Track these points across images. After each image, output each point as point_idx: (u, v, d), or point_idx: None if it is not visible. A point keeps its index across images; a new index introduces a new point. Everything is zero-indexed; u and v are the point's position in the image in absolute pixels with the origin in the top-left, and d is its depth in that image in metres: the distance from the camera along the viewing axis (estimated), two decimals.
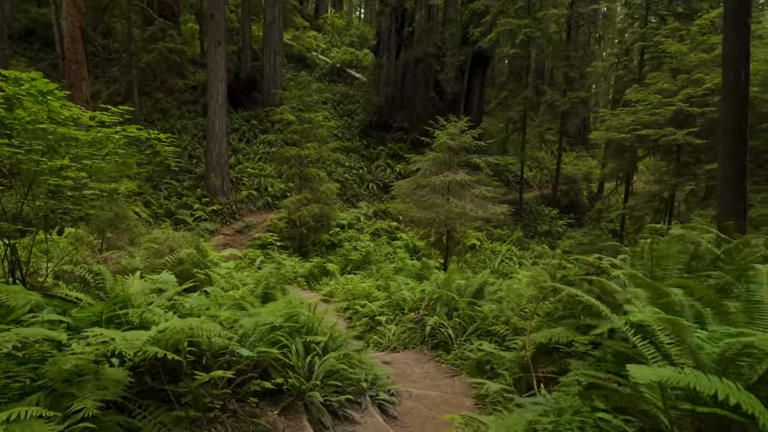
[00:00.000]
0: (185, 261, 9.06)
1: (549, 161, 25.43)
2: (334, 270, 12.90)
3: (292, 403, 3.57)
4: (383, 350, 7.36)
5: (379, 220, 18.49)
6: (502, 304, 6.83)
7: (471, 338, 6.53)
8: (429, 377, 5.89)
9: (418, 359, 6.58)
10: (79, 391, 2.30)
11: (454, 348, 6.48)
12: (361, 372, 4.32)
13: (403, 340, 7.30)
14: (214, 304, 4.13)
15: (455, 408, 4.58)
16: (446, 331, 6.69)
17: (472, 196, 12.65)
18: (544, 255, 18.66)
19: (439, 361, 6.39)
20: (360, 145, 22.65)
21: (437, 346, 6.83)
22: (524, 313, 5.81)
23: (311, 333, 4.70)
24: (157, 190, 16.90)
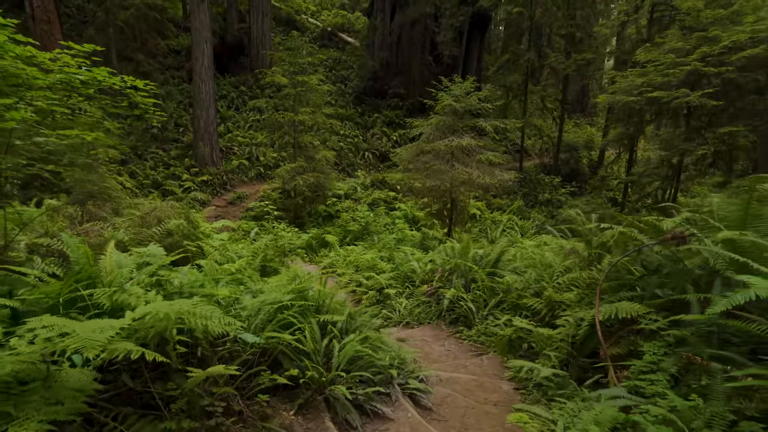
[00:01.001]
0: (174, 233, 8.26)
1: (549, 129, 24.61)
2: (333, 241, 12.17)
3: (310, 399, 2.89)
4: (395, 326, 6.72)
5: (377, 190, 17.69)
6: (526, 274, 6.18)
7: (494, 312, 5.90)
8: (452, 356, 5.26)
9: (436, 336, 5.95)
10: (18, 408, 1.56)
11: (476, 323, 5.85)
12: (385, 355, 3.64)
13: (417, 314, 6.66)
14: (209, 280, 3.38)
15: (492, 393, 3.94)
16: (466, 304, 6.04)
17: (479, 162, 11.89)
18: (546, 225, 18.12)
19: (460, 338, 5.76)
20: (354, 113, 21.58)
21: (456, 321, 6.19)
22: (558, 284, 5.16)
23: (324, 311, 4.00)
24: (142, 160, 15.86)
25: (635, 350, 3.26)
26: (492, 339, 5.32)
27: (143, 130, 17.21)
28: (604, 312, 3.44)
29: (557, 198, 19.30)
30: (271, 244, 9.32)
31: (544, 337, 4.35)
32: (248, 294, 3.75)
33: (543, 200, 19.37)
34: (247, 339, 2.85)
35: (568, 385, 3.50)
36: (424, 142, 12.00)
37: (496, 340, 5.20)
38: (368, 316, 4.18)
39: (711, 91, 13.20)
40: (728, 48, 12.95)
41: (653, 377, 2.82)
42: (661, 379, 2.76)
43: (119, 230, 7.78)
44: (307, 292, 4.00)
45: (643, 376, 2.88)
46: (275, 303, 3.28)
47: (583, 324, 3.65)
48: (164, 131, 17.41)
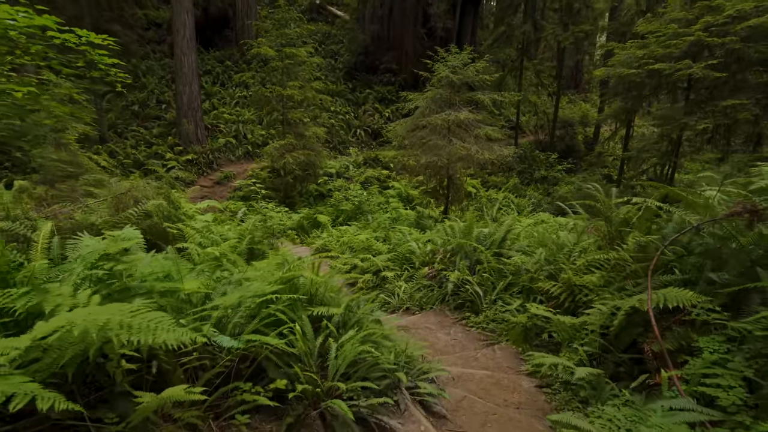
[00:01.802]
0: (154, 214, 7.58)
1: (544, 105, 23.93)
2: (325, 221, 11.54)
3: (302, 416, 2.31)
4: (394, 311, 6.18)
5: (370, 168, 17.01)
6: (536, 254, 5.63)
7: (503, 297, 5.36)
8: (459, 346, 4.73)
9: (440, 323, 5.41)
10: None
11: (484, 309, 5.31)
12: (390, 354, 3.08)
13: (418, 299, 6.11)
14: (177, 270, 2.75)
15: (512, 393, 3.41)
16: (472, 288, 5.49)
17: (477, 137, 11.25)
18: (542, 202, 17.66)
19: (467, 325, 5.23)
20: (345, 89, 20.67)
21: (461, 307, 5.65)
22: (574, 265, 4.61)
23: (317, 302, 3.40)
24: (123, 139, 14.96)
25: (687, 345, 2.72)
26: (503, 327, 4.78)
27: (123, 107, 16.25)
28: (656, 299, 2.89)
29: (553, 175, 18.79)
30: (259, 225, 8.68)
31: (567, 327, 3.82)
32: (228, 285, 3.14)
33: (539, 177, 18.85)
34: (222, 343, 2.25)
35: (604, 385, 2.97)
36: (419, 116, 11.31)
37: (508, 329, 4.67)
38: (369, 306, 3.59)
39: (714, 63, 12.61)
40: (732, 18, 12.34)
41: (722, 381, 2.28)
42: (734, 385, 2.22)
43: (93, 212, 7.10)
44: (297, 281, 3.41)
45: (708, 380, 2.34)
46: (259, 296, 2.68)
47: (619, 313, 3.10)
48: (145, 108, 16.44)
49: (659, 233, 4.04)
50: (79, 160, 8.91)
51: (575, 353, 3.47)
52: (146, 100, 16.76)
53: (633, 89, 15.63)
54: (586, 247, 5.01)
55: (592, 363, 3.33)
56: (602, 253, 4.15)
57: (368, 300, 4.23)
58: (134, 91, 16.92)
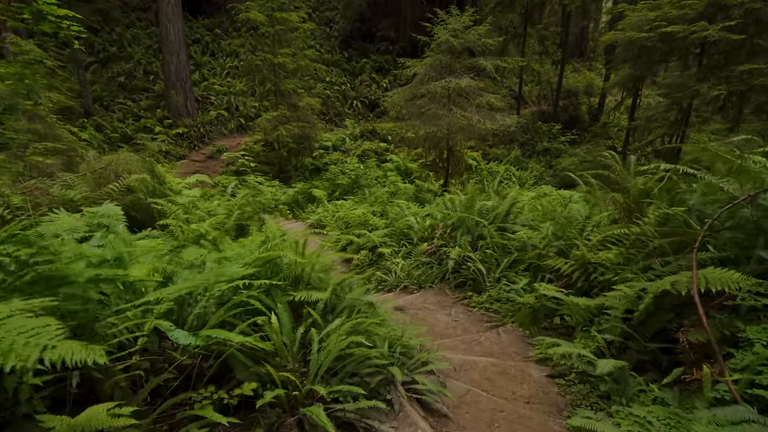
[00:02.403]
0: (136, 189, 7.13)
1: (547, 74, 23.09)
2: (320, 196, 11.09)
3: (276, 426, 1.93)
4: (390, 290, 5.81)
5: (367, 141, 16.43)
6: (543, 229, 5.22)
7: (508, 274, 4.97)
8: (461, 328, 4.36)
9: (440, 302, 5.04)
10: None
11: (487, 287, 4.93)
12: (383, 343, 2.69)
13: (416, 277, 5.72)
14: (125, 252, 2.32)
15: (520, 384, 3.05)
16: (474, 265, 5.09)
17: (478, 106, 10.68)
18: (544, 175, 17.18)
19: (469, 305, 4.85)
20: (341, 58, 19.84)
21: (463, 285, 5.27)
22: (588, 241, 4.20)
23: (303, 286, 3.00)
24: (109, 112, 14.34)
25: (732, 336, 2.33)
26: (509, 307, 4.40)
27: (108, 78, 15.56)
28: (682, 282, 2.48)
29: (556, 147, 18.23)
30: (250, 200, 8.24)
31: (581, 309, 3.43)
32: (195, 268, 2.73)
33: (541, 149, 18.30)
34: (178, 339, 1.85)
35: (628, 378, 2.59)
36: (418, 84, 10.71)
37: (514, 309, 4.29)
38: (360, 289, 3.19)
39: (732, 24, 11.90)
40: None
41: None
42: None
43: (71, 188, 6.66)
44: (279, 262, 2.99)
45: (763, 379, 1.95)
46: (227, 281, 2.26)
47: (646, 296, 2.70)
48: (132, 79, 15.74)
49: (685, 205, 3.61)
50: (57, 132, 8.39)
51: (591, 339, 3.09)
52: (133, 71, 16.05)
53: (643, 54, 14.93)
54: (599, 222, 4.58)
55: (611, 352, 2.95)
56: (620, 228, 3.72)
57: (361, 281, 3.83)
58: (120, 62, 16.19)
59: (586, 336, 3.22)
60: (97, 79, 15.39)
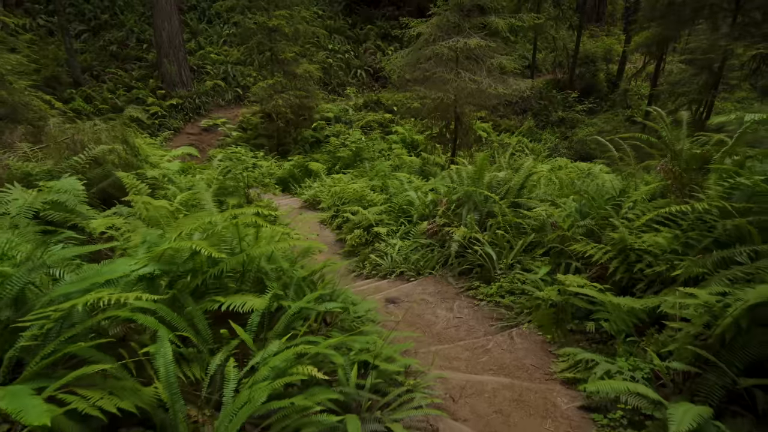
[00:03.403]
0: (105, 161, 6.29)
1: (563, 39, 21.50)
2: (318, 170, 10.19)
3: None
4: (385, 276, 4.96)
5: (371, 112, 15.36)
6: (567, 205, 4.28)
7: (523, 260, 4.07)
8: (464, 328, 3.50)
9: (440, 293, 4.18)
10: None
11: (497, 276, 4.04)
12: (350, 371, 1.83)
13: (414, 262, 4.85)
14: None
15: (542, 420, 2.19)
16: (482, 249, 4.20)
17: (489, 69, 9.56)
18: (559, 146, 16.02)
19: (475, 297, 3.98)
20: (344, 25, 18.54)
21: (468, 273, 4.39)
22: (628, 222, 3.26)
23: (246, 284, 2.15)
24: (100, 82, 13.44)
25: None
26: (524, 302, 3.52)
27: (100, 47, 14.58)
28: None
29: (572, 117, 16.96)
30: (237, 172, 7.38)
31: (623, 313, 2.53)
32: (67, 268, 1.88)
33: (556, 120, 17.06)
34: None
35: (710, 428, 1.70)
36: (422, 45, 9.59)
37: (531, 306, 3.40)
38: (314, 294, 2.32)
39: None
40: None
41: None
42: None
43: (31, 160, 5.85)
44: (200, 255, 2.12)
45: None
46: (83, 290, 1.40)
47: (735, 306, 1.79)
48: (125, 48, 14.75)
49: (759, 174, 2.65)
50: (26, 100, 7.56)
51: (643, 358, 2.20)
52: (125, 39, 15.04)
53: (671, 13, 13.50)
54: (640, 197, 3.62)
55: (672, 377, 2.06)
56: (675, 204, 2.77)
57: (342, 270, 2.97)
58: (112, 30, 15.18)
59: (631, 349, 2.33)
60: (89, 48, 14.44)
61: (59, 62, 12.94)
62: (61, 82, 12.42)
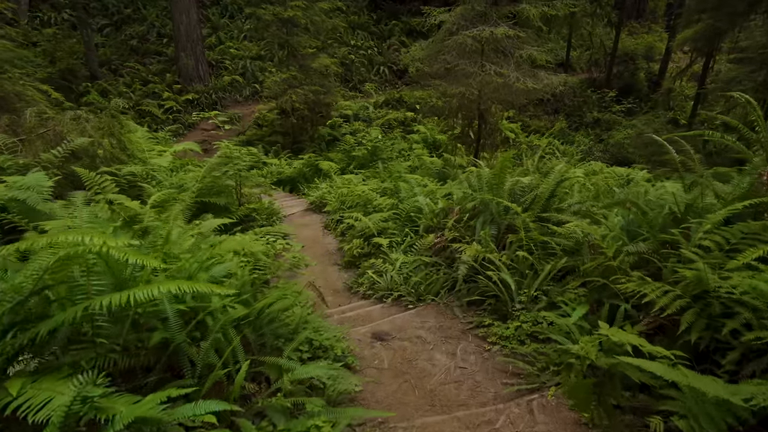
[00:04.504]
0: (84, 155, 5.65)
1: (599, 36, 19.99)
2: (328, 169, 9.38)
3: None
4: (381, 299, 4.06)
5: (392, 110, 14.46)
6: (611, 221, 3.28)
7: (551, 292, 3.10)
8: (468, 386, 2.57)
9: (441, 329, 3.25)
10: None
11: (516, 311, 3.09)
12: None
13: (415, 284, 3.93)
14: None
15: None
16: (499, 275, 3.25)
17: (518, 63, 8.51)
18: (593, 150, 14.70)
19: (486, 339, 3.03)
20: (369, 20, 17.71)
21: (479, 304, 3.43)
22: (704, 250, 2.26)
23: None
24: (117, 76, 13.08)
25: None
26: (550, 356, 2.56)
27: (120, 41, 14.26)
28: None
29: (608, 118, 15.58)
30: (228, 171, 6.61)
31: (710, 406, 1.56)
32: None
33: (590, 121, 15.71)
34: None
35: None
36: (445, 35, 8.63)
37: (560, 362, 2.44)
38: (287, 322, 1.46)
39: None
40: None
41: None
42: None
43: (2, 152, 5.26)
44: None
45: None
46: None
47: None
48: (145, 42, 14.39)
49: None
50: (17, 89, 7.06)
51: None
52: (146, 33, 14.68)
53: (724, 5, 12.03)
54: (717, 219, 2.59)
55: None
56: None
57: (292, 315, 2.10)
58: (134, 24, 14.84)
59: None
60: (110, 42, 14.14)
61: (78, 56, 12.63)
62: (77, 75, 12.09)
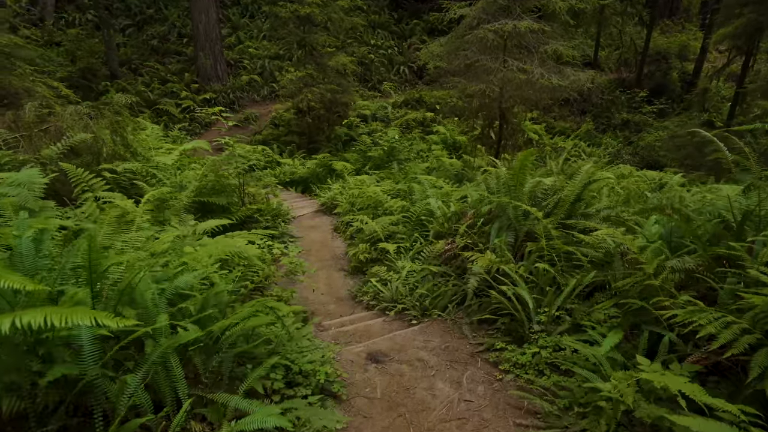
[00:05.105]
0: (84, 151, 5.46)
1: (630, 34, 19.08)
2: (342, 169, 9.02)
3: None
4: (384, 311, 3.65)
5: (412, 110, 14.04)
6: (648, 228, 2.79)
7: (575, 311, 2.63)
8: (473, 425, 2.13)
9: (447, 350, 2.81)
10: None
11: (534, 332, 2.63)
12: None
13: (420, 297, 3.51)
14: None
15: None
16: (515, 291, 2.80)
17: (542, 58, 7.98)
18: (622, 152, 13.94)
19: (497, 365, 2.58)
20: (389, 20, 17.34)
21: (491, 323, 2.99)
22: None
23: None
24: (137, 75, 13.08)
25: None
26: (575, 391, 2.10)
27: (142, 41, 14.30)
28: None
29: (637, 119, 14.76)
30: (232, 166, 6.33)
31: None
32: None
33: (619, 122, 14.93)
34: None
35: None
36: (465, 29, 8.17)
37: (587, 402, 1.98)
38: None
39: None
40: None
41: None
42: None
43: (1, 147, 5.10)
44: None
45: None
46: None
47: None
48: (165, 42, 14.39)
49: None
50: (26, 85, 6.96)
51: None
52: (167, 33, 14.70)
53: None
54: None
55: None
56: None
57: None
58: (155, 24, 14.88)
59: None
60: (131, 42, 14.20)
61: (98, 55, 12.69)
62: (96, 74, 12.12)
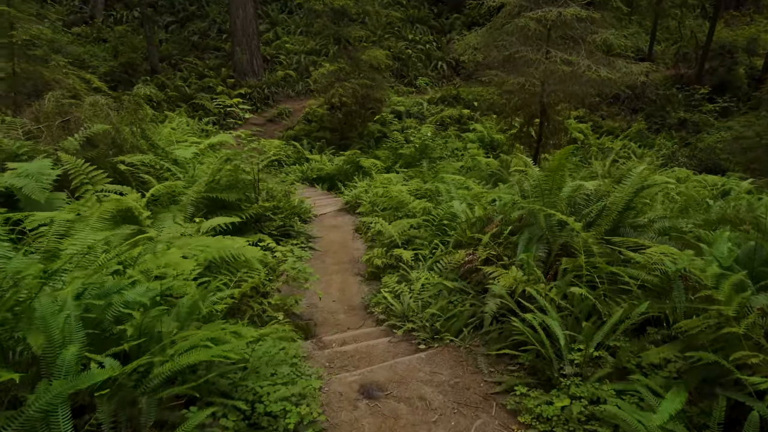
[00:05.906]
0: (101, 142, 5.31)
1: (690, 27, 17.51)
2: (370, 167, 8.60)
3: None
4: (393, 328, 3.18)
5: (448, 107, 13.42)
6: (719, 247, 2.18)
7: (620, 353, 2.07)
8: None
9: (456, 388, 2.31)
10: None
11: (565, 375, 2.09)
12: None
13: (432, 317, 3.01)
14: None
15: None
16: (543, 320, 2.26)
17: (590, 50, 7.19)
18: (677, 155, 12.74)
19: (516, 414, 2.06)
20: (428, 14, 16.72)
21: (512, 358, 2.45)
22: None
23: None
24: (176, 71, 13.22)
25: None
26: None
27: (183, 37, 14.47)
28: None
29: (696, 118, 13.44)
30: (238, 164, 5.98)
31: None
32: None
33: (674, 122, 13.65)
34: None
35: None
36: (504, 18, 7.52)
37: None
38: None
39: None
40: None
41: None
42: None
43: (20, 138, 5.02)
44: None
45: None
46: None
47: None
48: (205, 38, 14.49)
49: None
50: (57, 76, 6.98)
51: None
52: (207, 29, 14.81)
53: None
54: None
55: None
56: None
57: None
58: (196, 21, 15.05)
59: None
60: (173, 38, 14.40)
61: (140, 51, 12.91)
62: (137, 69, 12.32)
